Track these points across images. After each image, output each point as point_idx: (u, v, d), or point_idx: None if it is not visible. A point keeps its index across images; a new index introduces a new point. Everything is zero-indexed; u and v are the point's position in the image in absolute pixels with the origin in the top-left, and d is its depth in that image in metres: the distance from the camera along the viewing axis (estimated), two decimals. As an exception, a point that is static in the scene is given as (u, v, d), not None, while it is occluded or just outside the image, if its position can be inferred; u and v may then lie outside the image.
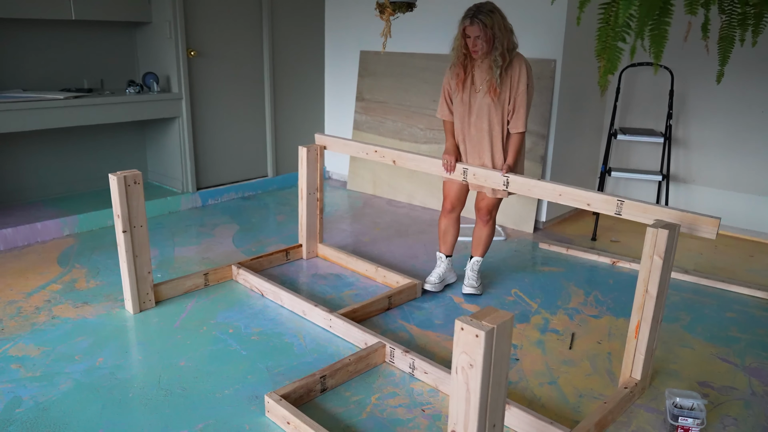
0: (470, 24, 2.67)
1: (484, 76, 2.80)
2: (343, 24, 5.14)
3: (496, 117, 2.81)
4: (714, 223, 2.14)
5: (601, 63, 1.89)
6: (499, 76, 2.73)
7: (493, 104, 2.80)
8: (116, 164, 4.61)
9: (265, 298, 3.04)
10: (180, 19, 4.23)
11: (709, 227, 2.15)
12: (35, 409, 2.13)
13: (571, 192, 2.49)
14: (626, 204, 2.32)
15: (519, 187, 2.68)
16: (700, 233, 2.17)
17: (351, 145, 3.28)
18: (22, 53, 4.00)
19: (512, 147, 2.85)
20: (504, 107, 2.81)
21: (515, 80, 2.77)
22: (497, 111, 2.81)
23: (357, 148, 3.24)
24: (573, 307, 3.05)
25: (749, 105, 4.02)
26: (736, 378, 2.45)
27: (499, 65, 2.71)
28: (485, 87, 2.79)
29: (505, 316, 1.47)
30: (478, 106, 2.83)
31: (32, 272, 3.29)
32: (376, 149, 3.13)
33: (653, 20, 1.72)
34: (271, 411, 2.10)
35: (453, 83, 2.87)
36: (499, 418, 1.56)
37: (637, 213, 2.31)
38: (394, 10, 3.09)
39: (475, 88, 2.83)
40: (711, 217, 2.14)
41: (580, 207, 2.50)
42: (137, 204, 2.70)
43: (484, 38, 2.67)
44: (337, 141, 3.35)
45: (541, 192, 2.60)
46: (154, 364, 2.44)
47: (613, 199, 2.35)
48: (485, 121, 2.83)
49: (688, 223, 2.18)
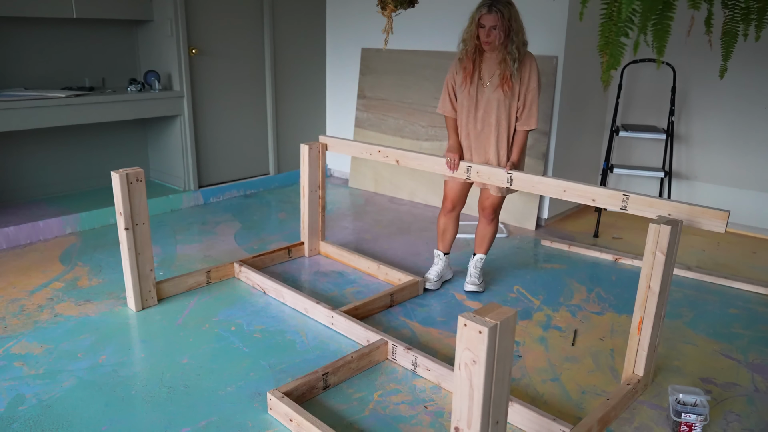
0: (488, 12, 2.64)
1: (493, 69, 2.78)
2: (345, 21, 5.14)
3: (504, 112, 2.80)
4: (722, 216, 2.12)
5: (604, 59, 1.88)
6: (516, 69, 2.72)
7: (503, 99, 2.78)
8: (118, 162, 4.61)
9: (268, 296, 3.04)
10: (181, 16, 4.22)
11: (718, 221, 2.13)
12: (38, 407, 2.13)
13: (575, 188, 2.48)
14: (632, 198, 2.31)
15: (523, 183, 2.67)
16: (709, 227, 2.15)
17: (354, 145, 3.27)
18: (23, 52, 4.00)
19: (517, 144, 2.84)
20: (513, 103, 2.79)
21: (526, 77, 2.75)
22: (506, 106, 2.79)
23: (360, 148, 3.23)
24: (575, 303, 3.04)
25: (752, 101, 4.01)
26: (739, 374, 2.44)
27: (516, 58, 2.69)
28: (495, 81, 2.77)
29: (508, 313, 1.47)
30: (486, 101, 2.81)
31: (35, 270, 3.29)
32: (380, 149, 3.12)
33: (656, 15, 1.71)
34: (273, 408, 2.10)
35: (459, 77, 2.84)
36: (502, 414, 1.56)
37: (644, 207, 2.29)
38: (395, 7, 3.08)
39: (483, 82, 2.81)
40: (719, 210, 2.13)
41: (585, 203, 2.48)
42: (139, 202, 2.70)
43: (501, 28, 2.65)
44: (340, 142, 3.34)
45: (546, 188, 2.59)
46: (156, 361, 2.44)
47: (619, 194, 2.34)
48: (493, 116, 2.82)
49: (697, 216, 2.16)
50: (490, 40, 2.68)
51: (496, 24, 2.64)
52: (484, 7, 2.66)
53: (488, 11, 2.64)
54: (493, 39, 2.67)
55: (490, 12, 2.64)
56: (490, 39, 2.68)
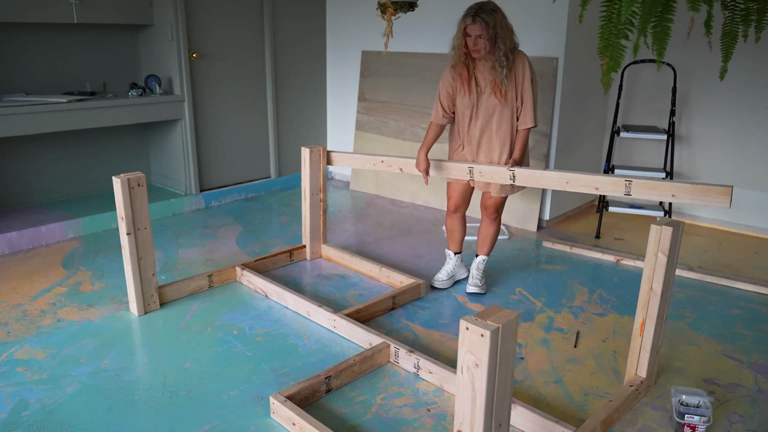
0: (472, 22, 2.65)
1: (487, 77, 2.79)
2: (345, 25, 5.14)
3: (505, 117, 2.81)
4: (726, 192, 2.13)
5: (604, 60, 1.88)
6: (505, 76, 2.73)
7: (500, 105, 2.79)
8: (119, 167, 4.62)
9: (270, 299, 3.04)
10: (181, 21, 4.23)
11: (722, 197, 2.14)
12: (41, 412, 2.14)
13: (578, 178, 2.49)
14: (634, 183, 2.31)
15: (525, 179, 2.68)
16: (713, 204, 2.18)
17: (357, 158, 3.28)
18: (24, 57, 4.01)
19: (519, 143, 2.84)
20: (512, 106, 2.80)
21: (519, 77, 2.76)
22: (505, 111, 2.80)
23: (364, 160, 3.25)
24: (577, 305, 3.04)
25: (752, 101, 4.01)
26: (742, 375, 2.44)
27: (504, 65, 2.70)
28: (490, 88, 2.79)
29: (510, 315, 1.47)
30: (485, 107, 2.82)
31: (37, 275, 3.30)
32: (383, 159, 3.14)
33: (656, 17, 1.71)
34: (276, 412, 2.10)
35: (456, 83, 2.84)
36: (505, 417, 1.56)
37: (647, 191, 2.29)
38: (395, 10, 3.09)
39: (480, 89, 2.82)
40: (722, 186, 2.14)
41: (589, 192, 2.50)
42: (141, 206, 2.71)
43: (486, 37, 2.66)
44: (343, 156, 3.37)
45: (548, 182, 2.60)
46: (159, 365, 2.44)
47: (621, 180, 2.34)
48: (493, 121, 2.83)
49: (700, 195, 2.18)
50: (478, 48, 2.69)
51: (481, 33, 2.66)
52: (469, 17, 2.67)
53: (472, 21, 2.65)
54: (480, 47, 2.69)
55: (474, 22, 2.65)
56: (477, 47, 2.69)
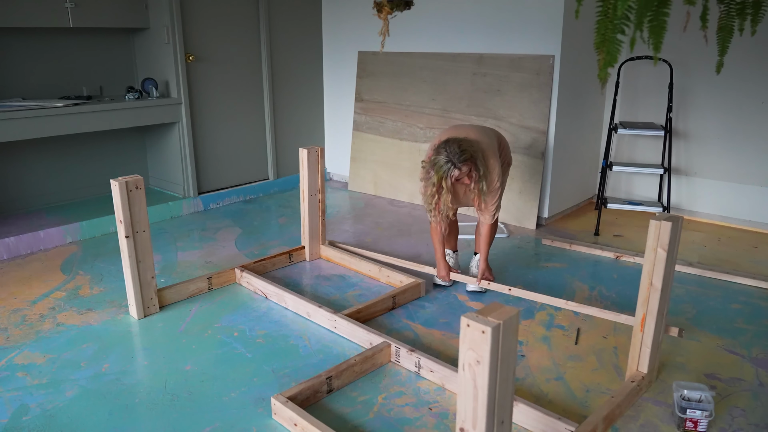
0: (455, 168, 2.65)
1: (463, 189, 2.87)
2: (341, 25, 5.14)
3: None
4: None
5: (601, 56, 1.88)
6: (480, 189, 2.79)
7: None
8: (117, 170, 4.61)
9: (269, 301, 3.04)
10: (177, 24, 4.23)
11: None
12: (42, 417, 2.13)
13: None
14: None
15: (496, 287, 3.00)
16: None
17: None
18: (20, 62, 4.01)
19: (484, 241, 3.04)
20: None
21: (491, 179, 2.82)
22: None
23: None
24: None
25: (749, 95, 4.01)
26: (743, 369, 2.44)
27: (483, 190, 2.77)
28: (469, 197, 2.89)
29: (511, 312, 1.47)
30: (465, 200, 2.95)
31: (36, 280, 3.29)
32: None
33: (652, 11, 1.71)
34: (277, 413, 2.10)
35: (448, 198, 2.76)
36: (507, 414, 1.56)
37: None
38: (391, 9, 3.09)
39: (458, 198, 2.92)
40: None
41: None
42: (139, 209, 2.70)
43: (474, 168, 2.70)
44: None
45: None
46: (159, 368, 2.44)
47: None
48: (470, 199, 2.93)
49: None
50: (474, 179, 2.72)
51: (470, 168, 2.68)
52: (449, 170, 2.65)
53: (455, 167, 2.65)
54: (475, 177, 2.72)
55: (457, 167, 2.65)
56: (473, 179, 2.72)
